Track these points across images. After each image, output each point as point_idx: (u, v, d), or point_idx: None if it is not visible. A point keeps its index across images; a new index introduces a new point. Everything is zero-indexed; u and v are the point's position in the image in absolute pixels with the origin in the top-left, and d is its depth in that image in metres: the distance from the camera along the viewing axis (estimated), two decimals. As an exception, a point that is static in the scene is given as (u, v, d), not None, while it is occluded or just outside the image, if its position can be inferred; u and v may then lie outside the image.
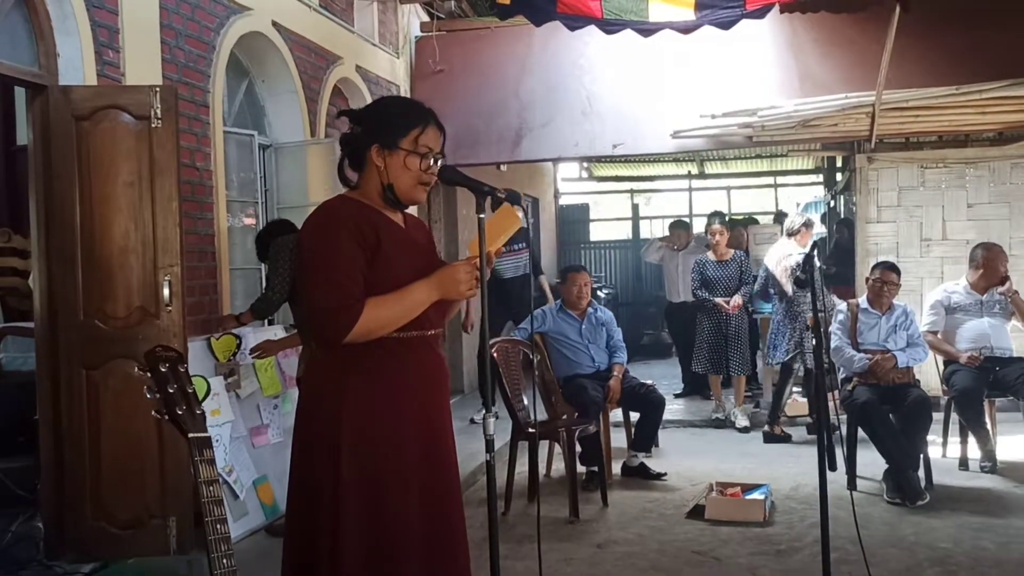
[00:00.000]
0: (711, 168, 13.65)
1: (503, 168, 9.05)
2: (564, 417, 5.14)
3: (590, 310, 5.58)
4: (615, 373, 5.44)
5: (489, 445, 2.24)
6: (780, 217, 10.01)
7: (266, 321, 4.98)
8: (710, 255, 6.99)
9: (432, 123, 2.24)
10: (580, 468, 5.08)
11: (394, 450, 2.16)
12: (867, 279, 5.40)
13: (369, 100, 6.35)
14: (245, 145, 5.36)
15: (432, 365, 2.29)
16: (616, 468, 5.47)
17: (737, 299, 6.75)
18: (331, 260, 2.11)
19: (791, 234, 6.51)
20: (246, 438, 4.46)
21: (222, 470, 4.19)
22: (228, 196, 5.03)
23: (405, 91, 7.48)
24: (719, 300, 6.74)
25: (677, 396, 7.93)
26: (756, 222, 9.35)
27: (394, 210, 2.27)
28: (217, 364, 4.33)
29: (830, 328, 5.27)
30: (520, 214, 2.33)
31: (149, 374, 1.71)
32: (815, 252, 3.06)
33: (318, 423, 2.16)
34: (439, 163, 2.25)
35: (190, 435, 1.72)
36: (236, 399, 4.44)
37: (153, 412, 1.71)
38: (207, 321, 4.54)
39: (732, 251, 7.02)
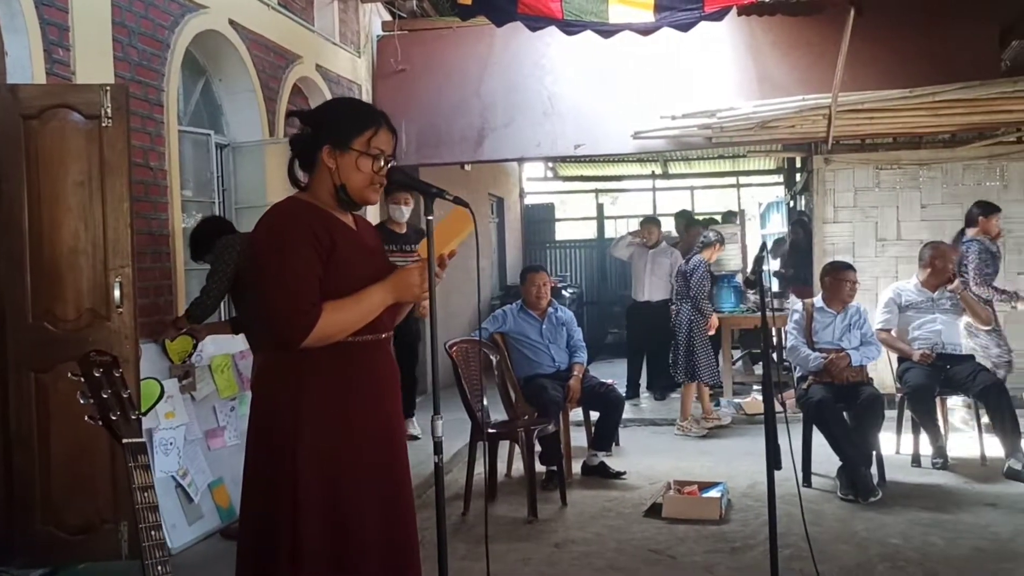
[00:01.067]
0: (675, 168, 13.77)
1: (468, 168, 9.06)
2: (524, 417, 5.16)
3: (550, 310, 5.60)
4: (575, 373, 5.47)
5: (437, 447, 2.26)
6: (729, 217, 9.95)
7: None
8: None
9: (384, 125, 2.24)
10: (540, 468, 5.10)
11: (353, 451, 2.16)
12: (822, 278, 5.48)
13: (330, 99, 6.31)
14: (201, 144, 5.30)
15: (385, 367, 2.31)
16: (576, 467, 5.50)
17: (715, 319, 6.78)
18: (287, 263, 2.10)
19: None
20: (201, 440, 4.40)
21: (176, 473, 4.14)
22: (184, 196, 4.96)
23: (367, 91, 7.45)
24: (713, 315, 6.67)
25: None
26: (716, 222, 9.36)
27: (345, 212, 2.27)
28: (171, 366, 4.27)
29: (788, 327, 5.36)
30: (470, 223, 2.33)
31: (83, 379, 1.69)
32: (764, 252, 3.09)
33: (275, 426, 2.15)
34: (389, 165, 2.26)
35: (124, 440, 1.71)
36: (191, 401, 4.39)
37: (87, 417, 1.69)
38: (161, 322, 4.47)
39: None
